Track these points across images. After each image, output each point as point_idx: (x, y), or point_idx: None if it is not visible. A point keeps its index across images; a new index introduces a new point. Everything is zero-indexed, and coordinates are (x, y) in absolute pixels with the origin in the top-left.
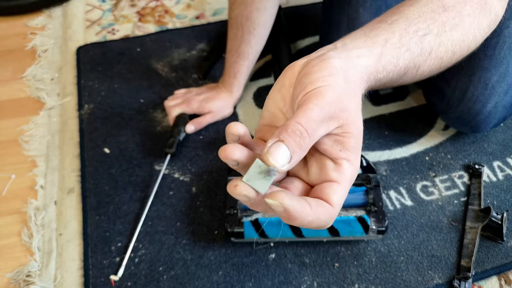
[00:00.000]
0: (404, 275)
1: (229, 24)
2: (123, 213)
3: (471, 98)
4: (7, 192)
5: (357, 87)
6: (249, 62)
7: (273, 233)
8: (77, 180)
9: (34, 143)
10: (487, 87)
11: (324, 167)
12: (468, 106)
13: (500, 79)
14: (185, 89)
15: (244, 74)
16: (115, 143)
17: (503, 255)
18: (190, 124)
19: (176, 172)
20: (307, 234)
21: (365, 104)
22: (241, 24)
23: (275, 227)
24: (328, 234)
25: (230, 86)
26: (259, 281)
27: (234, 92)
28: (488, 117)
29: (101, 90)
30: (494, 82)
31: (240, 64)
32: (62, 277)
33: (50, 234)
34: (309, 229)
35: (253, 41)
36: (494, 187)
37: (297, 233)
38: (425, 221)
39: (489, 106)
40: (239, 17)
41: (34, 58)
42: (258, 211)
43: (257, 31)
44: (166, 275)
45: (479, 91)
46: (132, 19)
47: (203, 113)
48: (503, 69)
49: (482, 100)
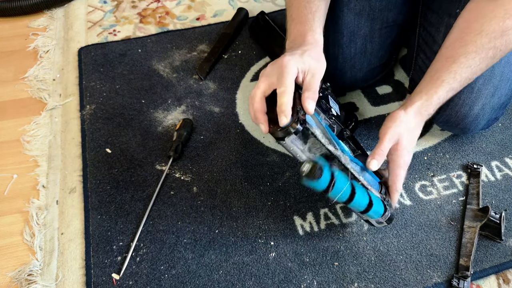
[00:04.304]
0: (403, 274)
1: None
2: (125, 213)
3: (457, 102)
4: (9, 191)
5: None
6: (325, 4)
7: (338, 189)
8: (79, 179)
9: (36, 143)
10: (473, 90)
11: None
12: (456, 110)
13: (485, 81)
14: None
15: (323, 17)
16: (117, 143)
17: (502, 254)
18: (306, 100)
19: (177, 172)
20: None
21: (365, 105)
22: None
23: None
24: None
25: (312, 30)
26: (260, 280)
27: (317, 35)
28: (476, 119)
29: (103, 90)
30: (479, 85)
31: (317, 4)
32: (64, 276)
33: (52, 233)
34: (358, 198)
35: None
36: (493, 186)
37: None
38: (424, 221)
39: (476, 108)
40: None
41: (35, 59)
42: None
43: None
44: (167, 274)
45: (465, 94)
46: (133, 20)
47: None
48: (488, 71)
49: (469, 103)
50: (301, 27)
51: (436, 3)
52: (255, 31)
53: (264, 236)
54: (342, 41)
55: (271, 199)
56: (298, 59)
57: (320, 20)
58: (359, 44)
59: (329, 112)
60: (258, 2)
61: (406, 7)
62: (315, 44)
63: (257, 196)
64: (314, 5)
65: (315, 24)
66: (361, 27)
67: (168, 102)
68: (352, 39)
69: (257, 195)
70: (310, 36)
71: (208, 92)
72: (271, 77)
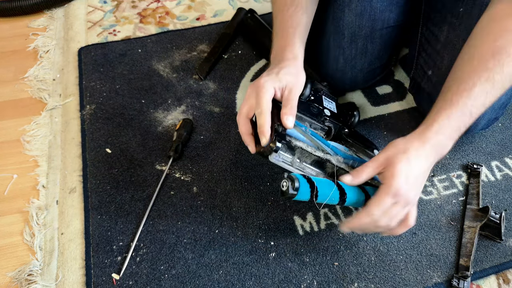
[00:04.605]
0: (403, 274)
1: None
2: (125, 213)
3: None
4: (9, 191)
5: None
6: (307, 17)
7: (324, 195)
8: (79, 180)
9: (36, 143)
10: None
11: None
12: None
13: None
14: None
15: (305, 30)
16: (117, 143)
17: (502, 254)
18: (284, 116)
19: (177, 172)
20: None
21: (365, 105)
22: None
23: (326, 189)
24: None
25: (291, 45)
26: (260, 280)
27: (296, 49)
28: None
29: (103, 90)
30: None
31: (299, 18)
32: (64, 276)
33: (52, 233)
34: (352, 197)
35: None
36: (493, 186)
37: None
38: (424, 221)
39: None
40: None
41: (35, 59)
42: None
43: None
44: (167, 274)
45: None
46: (133, 20)
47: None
48: None
49: None
50: (282, 42)
51: (440, 3)
52: (245, 29)
53: (264, 236)
54: (343, 42)
55: (271, 199)
56: (274, 78)
57: (301, 34)
58: (360, 44)
59: (321, 114)
60: (258, 2)
61: (408, 7)
62: (293, 59)
63: (257, 196)
64: (295, 19)
65: (295, 38)
66: (362, 28)
67: (168, 102)
68: (353, 40)
69: (257, 195)
70: (289, 51)
71: (208, 92)
72: (250, 99)
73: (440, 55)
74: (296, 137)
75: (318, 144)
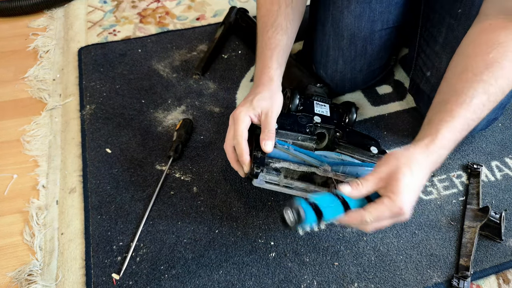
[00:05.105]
0: (403, 274)
1: (260, 2)
2: (125, 213)
3: None
4: (9, 191)
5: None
6: (287, 38)
7: (329, 214)
8: (79, 180)
9: (36, 143)
10: None
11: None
12: None
13: None
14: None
15: (283, 51)
16: (117, 143)
17: (502, 254)
18: (262, 141)
19: (177, 172)
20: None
21: (365, 105)
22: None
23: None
24: None
25: (267, 67)
26: (260, 280)
27: (272, 72)
28: None
29: (103, 90)
30: None
31: (278, 39)
32: (64, 276)
33: (52, 233)
34: (355, 206)
35: (291, 15)
36: (493, 186)
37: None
38: (424, 221)
39: None
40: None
41: (35, 59)
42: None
43: (295, 4)
44: (167, 274)
45: None
46: (133, 20)
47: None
48: None
49: None
50: (260, 64)
51: (438, 3)
52: (236, 29)
53: (264, 236)
54: (342, 44)
55: (271, 199)
56: (248, 107)
57: (278, 55)
58: (360, 46)
59: (310, 123)
60: None
61: (406, 9)
62: (269, 82)
63: (257, 196)
64: (274, 41)
65: (272, 60)
66: (361, 30)
67: (168, 102)
68: (352, 42)
69: (257, 195)
70: (265, 74)
71: (208, 92)
72: (231, 129)
73: (439, 57)
74: (279, 157)
75: (302, 158)
